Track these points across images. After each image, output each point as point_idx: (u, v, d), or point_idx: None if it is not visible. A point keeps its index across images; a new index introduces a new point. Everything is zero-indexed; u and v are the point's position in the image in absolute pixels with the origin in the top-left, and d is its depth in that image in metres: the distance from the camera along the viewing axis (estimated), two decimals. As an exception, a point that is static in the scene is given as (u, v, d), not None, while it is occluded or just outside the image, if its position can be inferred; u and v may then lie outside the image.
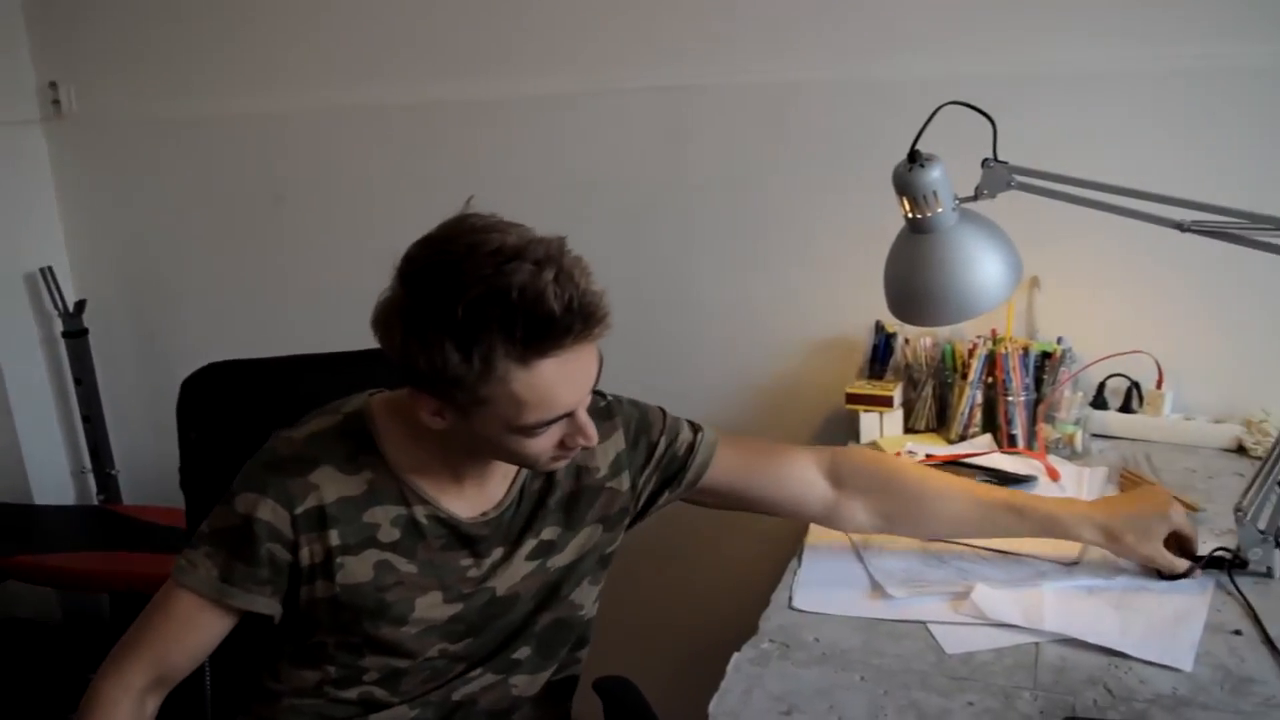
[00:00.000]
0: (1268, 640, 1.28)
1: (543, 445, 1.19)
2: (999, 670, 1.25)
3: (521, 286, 1.07)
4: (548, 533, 1.36)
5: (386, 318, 1.15)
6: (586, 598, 1.42)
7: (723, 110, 2.15)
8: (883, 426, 1.94)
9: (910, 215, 1.38)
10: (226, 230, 2.70)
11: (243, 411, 1.58)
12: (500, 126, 2.34)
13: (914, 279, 1.38)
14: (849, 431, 1.98)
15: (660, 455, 1.43)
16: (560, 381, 1.13)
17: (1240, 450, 1.89)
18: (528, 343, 1.09)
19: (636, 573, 2.51)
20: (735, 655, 1.29)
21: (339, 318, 1.56)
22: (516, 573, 1.34)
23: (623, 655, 1.77)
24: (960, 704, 1.18)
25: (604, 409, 1.40)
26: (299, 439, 1.27)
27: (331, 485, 1.24)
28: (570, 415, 1.18)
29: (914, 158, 1.35)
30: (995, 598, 1.37)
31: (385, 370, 1.26)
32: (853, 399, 1.95)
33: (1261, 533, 1.41)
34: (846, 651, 1.30)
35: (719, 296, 2.25)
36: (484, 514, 1.31)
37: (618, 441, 1.40)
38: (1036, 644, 1.29)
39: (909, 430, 1.98)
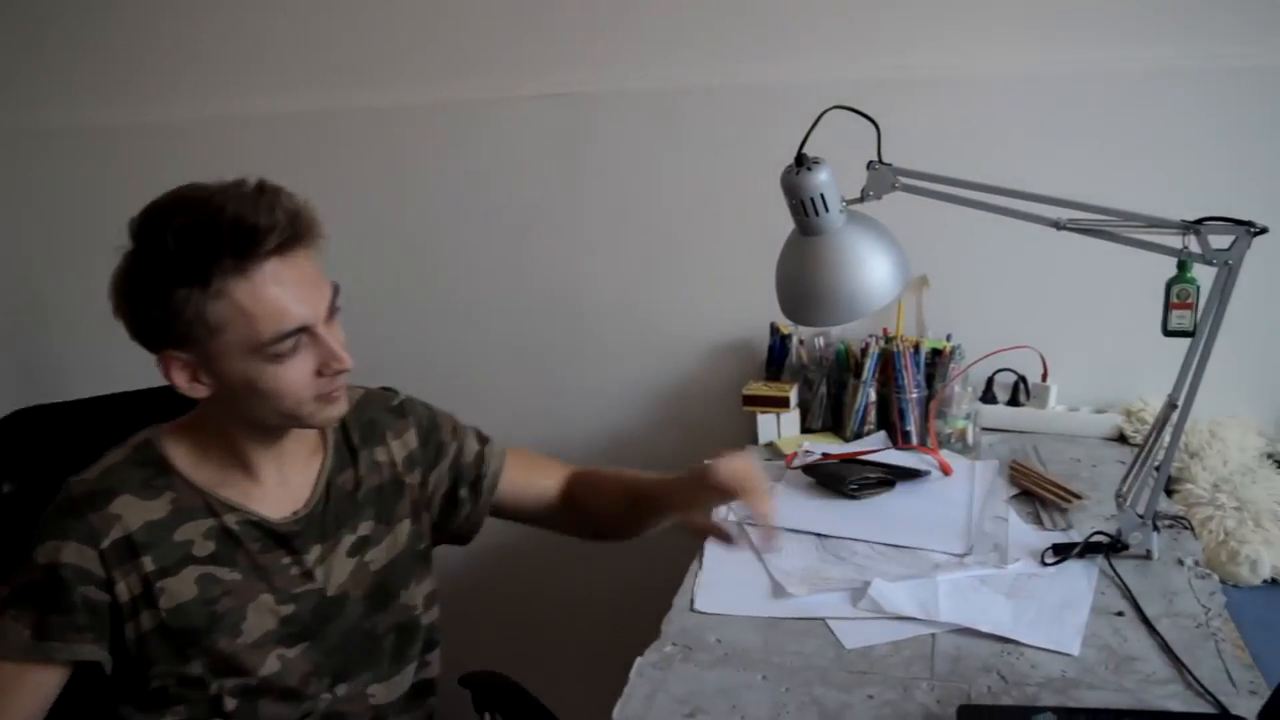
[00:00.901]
0: (1146, 620, 1.33)
1: (297, 375, 1.19)
2: (897, 662, 1.28)
3: (221, 205, 1.11)
4: (363, 528, 1.35)
5: (116, 286, 1.17)
6: (417, 598, 1.40)
7: (615, 117, 2.15)
8: (780, 427, 1.96)
9: (799, 218, 1.39)
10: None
11: (58, 459, 1.40)
12: (390, 134, 2.30)
13: (804, 280, 1.40)
14: (747, 433, 2.00)
15: (451, 457, 1.44)
16: (283, 288, 1.14)
17: (1122, 439, 1.96)
18: (238, 252, 1.11)
19: (538, 580, 2.51)
20: (638, 659, 1.30)
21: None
22: (340, 570, 1.32)
23: (524, 662, 1.77)
24: (860, 698, 1.21)
25: (397, 407, 1.43)
26: (91, 478, 1.24)
27: (134, 512, 1.22)
28: (308, 332, 1.18)
29: (801, 161, 1.37)
30: (892, 591, 1.40)
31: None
32: (749, 401, 1.97)
33: (1140, 517, 1.46)
34: (748, 651, 1.31)
35: (615, 302, 2.26)
36: (295, 513, 1.30)
37: (410, 440, 1.41)
38: (933, 635, 1.33)
39: (806, 430, 2.00)
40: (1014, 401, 2.03)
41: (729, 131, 2.08)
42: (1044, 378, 2.00)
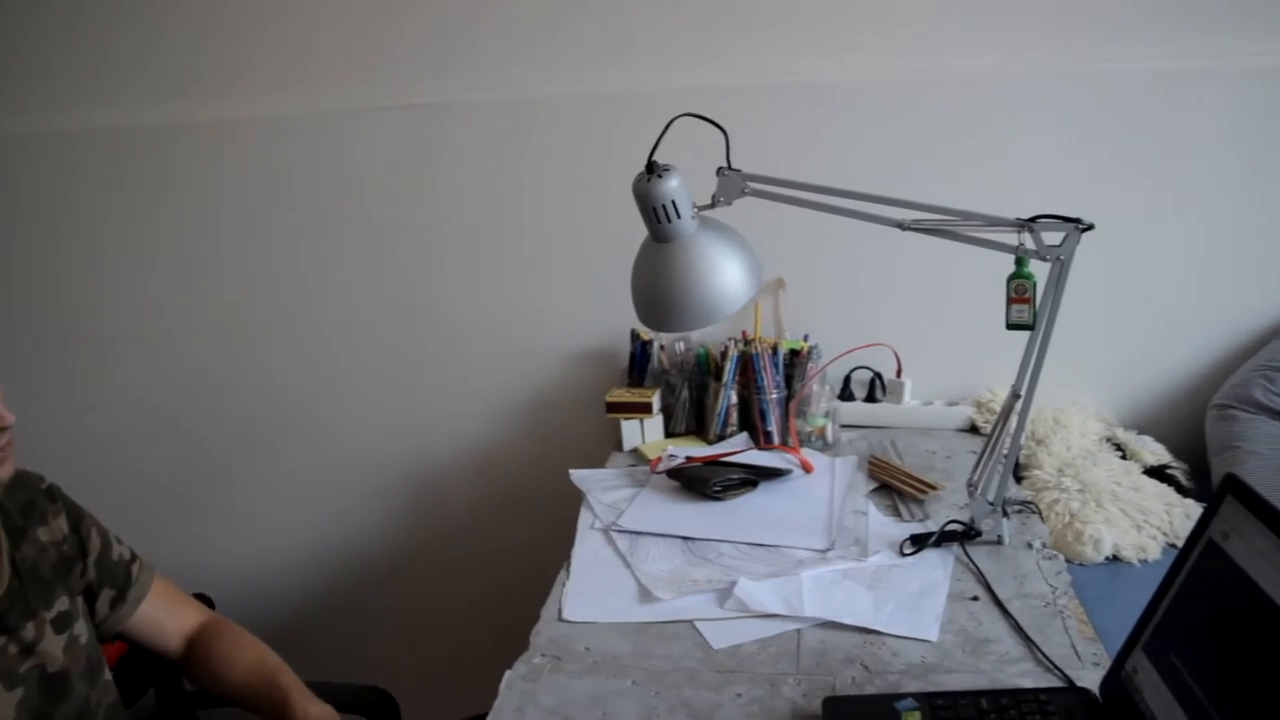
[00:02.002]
0: (999, 603, 1.38)
1: None
2: (764, 659, 1.29)
3: None
4: (60, 603, 1.27)
5: None
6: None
7: (468, 126, 2.14)
8: (644, 432, 1.97)
9: (651, 225, 1.41)
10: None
11: None
12: (242, 148, 2.24)
13: (659, 287, 1.41)
14: (611, 440, 2.00)
15: (97, 553, 1.35)
16: None
17: (974, 429, 2.03)
18: None
19: (404, 598, 2.48)
20: (507, 673, 1.29)
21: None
22: (53, 647, 1.24)
23: (394, 682, 1.73)
24: (729, 696, 1.22)
25: (46, 491, 1.33)
26: None
27: None
28: None
29: (651, 169, 1.38)
30: (757, 590, 1.42)
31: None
32: (613, 408, 1.98)
33: (990, 504, 1.52)
34: (618, 657, 1.32)
35: (475, 314, 2.24)
36: None
37: (62, 525, 1.32)
38: (798, 630, 1.35)
39: (670, 434, 2.02)
40: (871, 398, 2.09)
41: (583, 140, 2.09)
42: (898, 374, 2.06)
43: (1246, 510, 0.99)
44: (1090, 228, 1.34)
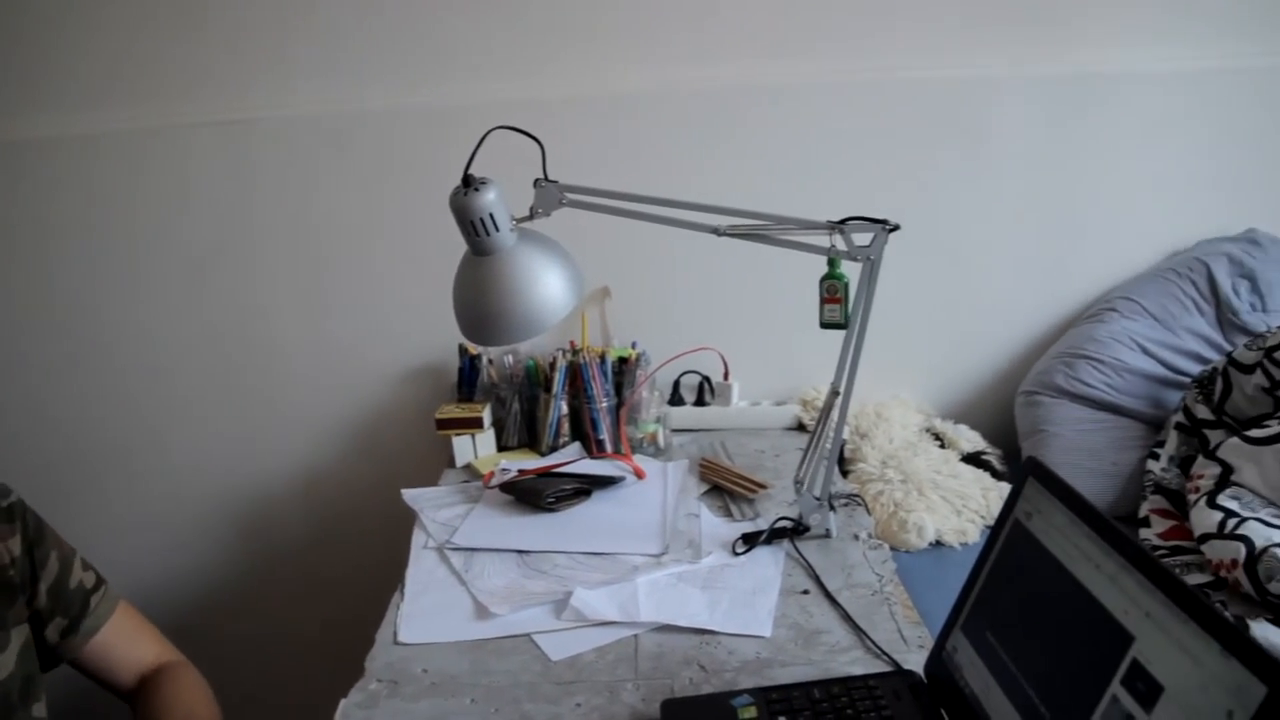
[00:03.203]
0: (829, 595, 1.42)
1: None
2: (602, 667, 1.30)
3: None
4: None
5: None
6: (44, 711, 1.23)
7: (282, 143, 2.07)
8: (476, 447, 1.95)
9: (470, 238, 1.39)
10: None
11: None
12: (47, 169, 2.10)
13: (480, 301, 1.40)
14: (444, 456, 1.98)
15: (51, 578, 1.26)
16: None
17: (801, 428, 2.09)
18: None
19: (235, 631, 2.39)
20: (343, 701, 1.25)
21: None
22: None
23: (229, 718, 1.66)
24: (569, 707, 1.22)
25: (6, 510, 1.24)
26: None
27: None
28: None
29: (468, 182, 1.37)
30: (594, 599, 1.42)
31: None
32: (443, 424, 1.95)
33: (817, 499, 1.56)
34: (456, 677, 1.30)
35: (299, 333, 2.18)
36: None
37: (14, 545, 1.23)
38: (635, 636, 1.36)
39: (503, 448, 2.01)
40: (700, 401, 2.12)
41: (402, 155, 2.05)
42: (726, 376, 2.10)
43: (1046, 490, 1.05)
44: (896, 228, 1.40)
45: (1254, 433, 1.73)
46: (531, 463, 1.89)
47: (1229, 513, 1.65)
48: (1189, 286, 2.07)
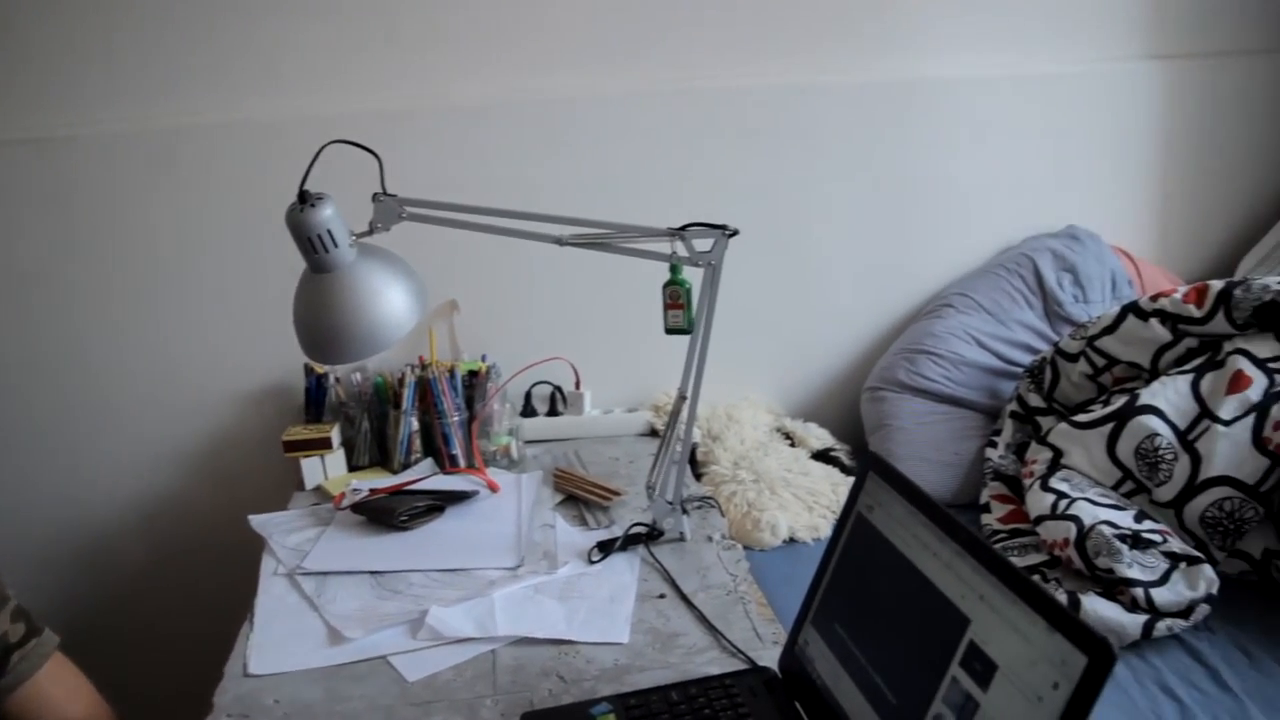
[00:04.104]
0: (684, 598, 1.44)
1: None
2: (461, 684, 1.28)
3: None
4: None
5: None
6: None
7: (106, 161, 1.98)
8: (326, 469, 1.91)
9: (308, 255, 1.36)
10: None
11: None
12: None
13: (321, 319, 1.37)
14: (293, 479, 1.92)
15: None
16: None
17: (654, 433, 2.10)
18: None
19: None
20: (189, 741, 1.21)
21: None
22: None
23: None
24: (427, 728, 1.20)
25: None
26: None
27: None
28: None
29: (304, 198, 1.34)
30: (450, 616, 1.41)
31: None
32: (291, 446, 1.89)
33: (670, 503, 1.58)
34: (310, 705, 1.26)
35: (132, 360, 2.08)
36: None
37: None
38: (493, 651, 1.35)
39: (354, 467, 1.96)
40: (553, 412, 2.12)
41: (236, 170, 1.99)
42: (578, 385, 2.11)
43: (885, 483, 1.08)
44: (735, 233, 1.42)
45: (1080, 418, 1.82)
46: (383, 481, 1.85)
47: (1060, 494, 1.73)
48: (1018, 281, 2.17)
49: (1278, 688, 1.41)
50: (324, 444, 1.90)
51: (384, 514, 1.69)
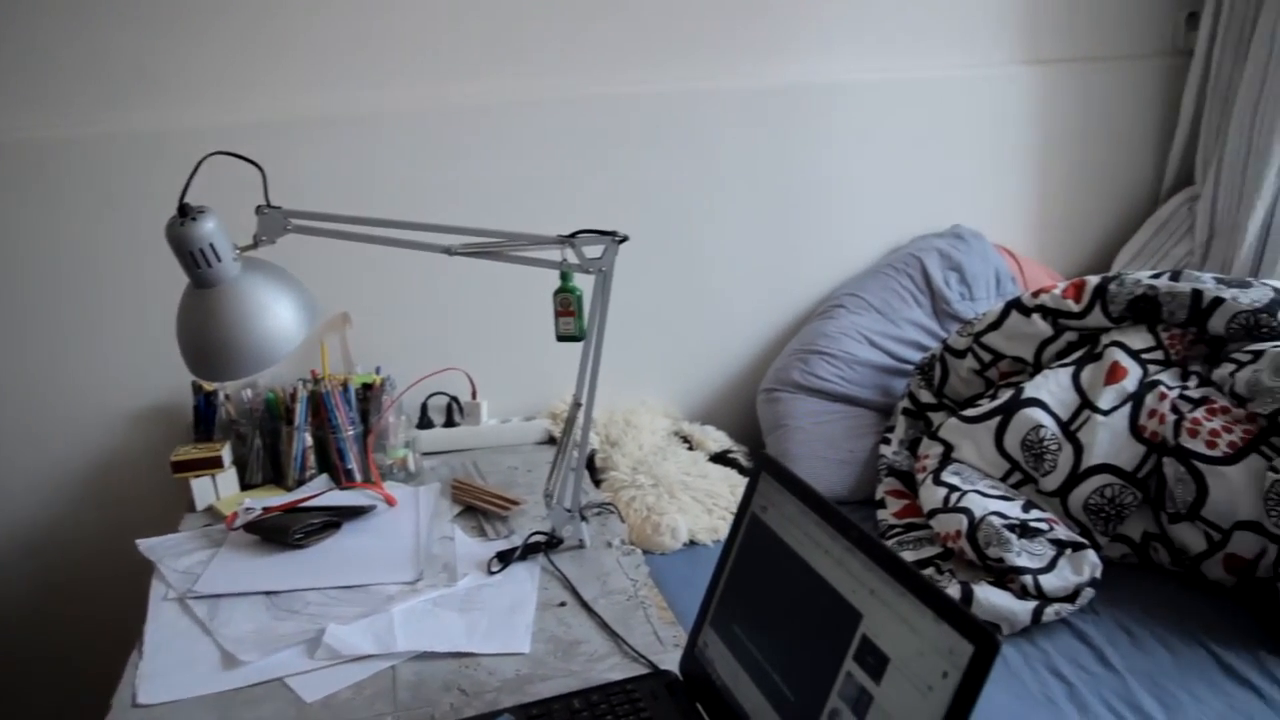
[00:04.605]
0: (585, 605, 1.44)
1: None
2: (360, 703, 1.26)
3: None
4: None
5: None
6: None
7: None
8: (217, 488, 1.86)
9: (190, 270, 1.33)
10: None
11: None
12: None
13: (206, 335, 1.34)
14: (184, 501, 1.87)
15: None
16: None
17: (552, 441, 2.10)
18: None
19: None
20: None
21: None
22: None
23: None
24: (325, 749, 1.18)
25: None
26: None
27: None
28: None
29: (184, 212, 1.31)
30: (347, 633, 1.38)
31: None
32: (179, 466, 1.84)
33: (568, 511, 1.57)
34: (203, 732, 1.23)
35: (10, 382, 2.00)
36: None
37: None
38: (393, 667, 1.33)
39: (247, 486, 1.92)
40: (450, 422, 2.10)
41: (113, 183, 1.92)
42: (474, 395, 2.09)
43: (778, 483, 1.09)
44: (625, 239, 1.43)
45: (969, 412, 1.87)
46: (277, 499, 1.81)
47: (952, 488, 1.77)
48: (906, 280, 2.22)
49: (1158, 664, 1.47)
50: (215, 463, 1.86)
51: (278, 532, 1.66)
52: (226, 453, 1.89)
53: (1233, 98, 2.25)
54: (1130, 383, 1.75)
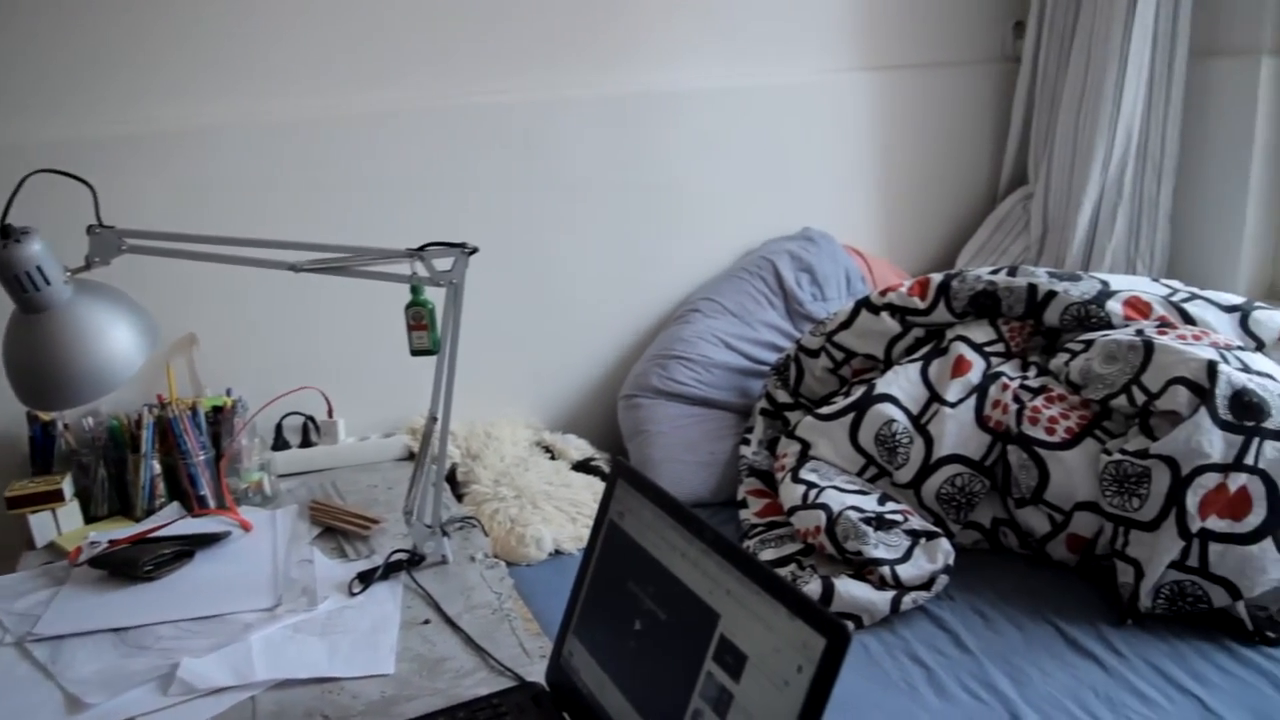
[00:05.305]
0: (449, 621, 1.42)
1: None
2: (217, 737, 1.22)
3: None
4: None
5: None
6: None
7: None
8: (58, 523, 1.77)
9: (17, 295, 1.27)
10: None
11: None
12: None
13: (36, 362, 1.28)
14: (22, 538, 1.78)
15: None
16: None
17: (412, 457, 2.06)
18: None
19: None
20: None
21: None
22: None
23: None
24: (180, 787, 1.14)
25: None
26: None
27: None
28: None
29: (7, 233, 1.25)
30: (203, 667, 1.34)
31: None
32: (15, 502, 1.75)
33: (429, 527, 1.56)
34: (48, 780, 1.18)
35: None
36: None
37: None
38: (252, 698, 1.29)
39: (92, 519, 1.83)
40: (306, 443, 2.05)
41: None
42: (330, 414, 2.05)
43: (634, 489, 1.10)
44: (475, 251, 1.42)
45: (823, 410, 1.92)
46: (125, 531, 1.74)
47: (810, 484, 1.81)
48: (760, 283, 2.26)
49: (1009, 643, 1.53)
50: (55, 496, 1.77)
51: (127, 565, 1.59)
52: (68, 485, 1.80)
53: (1058, 101, 2.37)
54: (975, 375, 1.82)
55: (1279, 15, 2.17)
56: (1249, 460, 1.52)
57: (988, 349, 1.86)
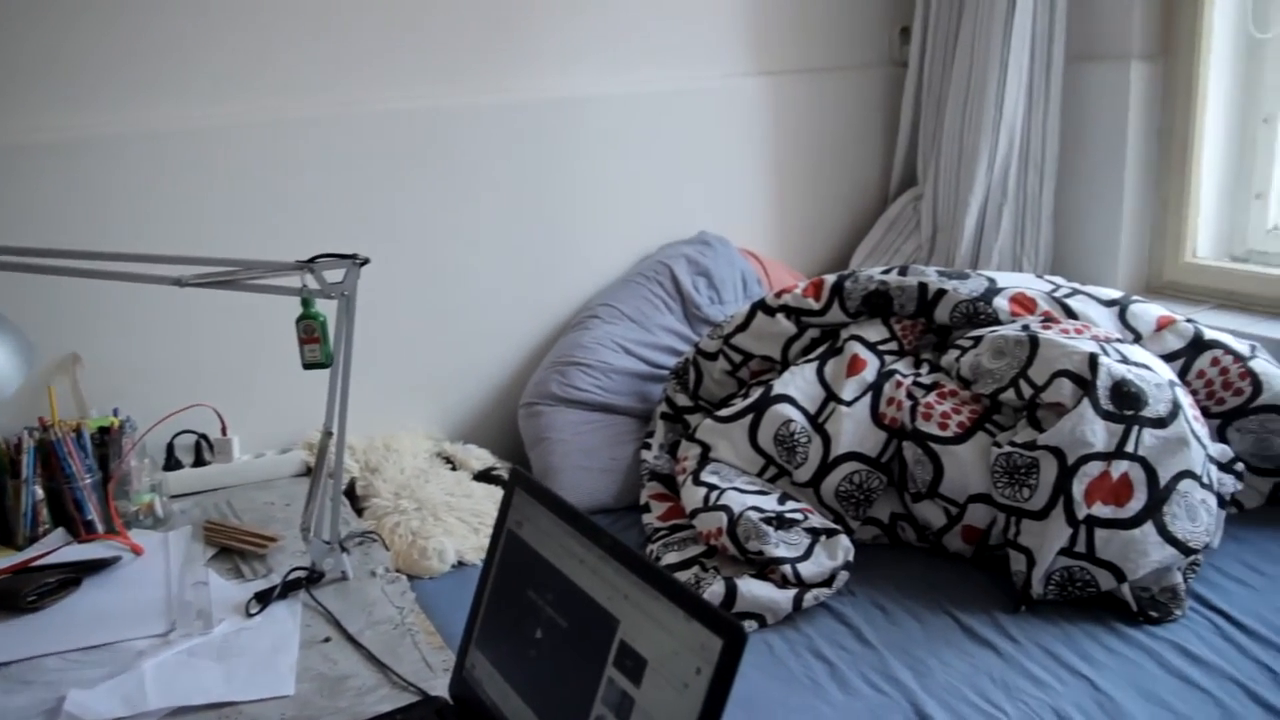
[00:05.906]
0: (350, 638, 1.40)
1: None
2: (108, 769, 1.19)
3: None
4: None
5: None
6: None
7: None
8: (-65, 555, 1.71)
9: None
10: None
11: None
12: None
13: (-97, 389, 1.23)
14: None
15: None
16: None
17: (309, 472, 2.02)
18: None
19: None
20: None
21: None
22: None
23: None
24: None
25: None
26: None
27: None
28: None
29: None
30: (92, 698, 1.29)
31: None
32: (-112, 535, 1.69)
33: (327, 543, 1.53)
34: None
35: None
36: None
37: None
38: (145, 727, 1.26)
39: (-30, 550, 1.77)
40: (200, 462, 2.00)
41: None
42: (224, 431, 2.00)
43: (531, 498, 1.10)
44: (366, 262, 1.40)
45: (722, 412, 1.93)
46: (5, 560, 1.68)
47: (711, 486, 1.82)
48: (657, 288, 2.27)
49: (909, 636, 1.56)
50: (-70, 527, 1.70)
51: (8, 597, 1.53)
52: (-56, 515, 1.73)
53: (944, 104, 2.43)
54: (869, 373, 1.85)
55: (1147, 21, 2.26)
56: (1129, 448, 1.58)
57: (881, 347, 1.90)
